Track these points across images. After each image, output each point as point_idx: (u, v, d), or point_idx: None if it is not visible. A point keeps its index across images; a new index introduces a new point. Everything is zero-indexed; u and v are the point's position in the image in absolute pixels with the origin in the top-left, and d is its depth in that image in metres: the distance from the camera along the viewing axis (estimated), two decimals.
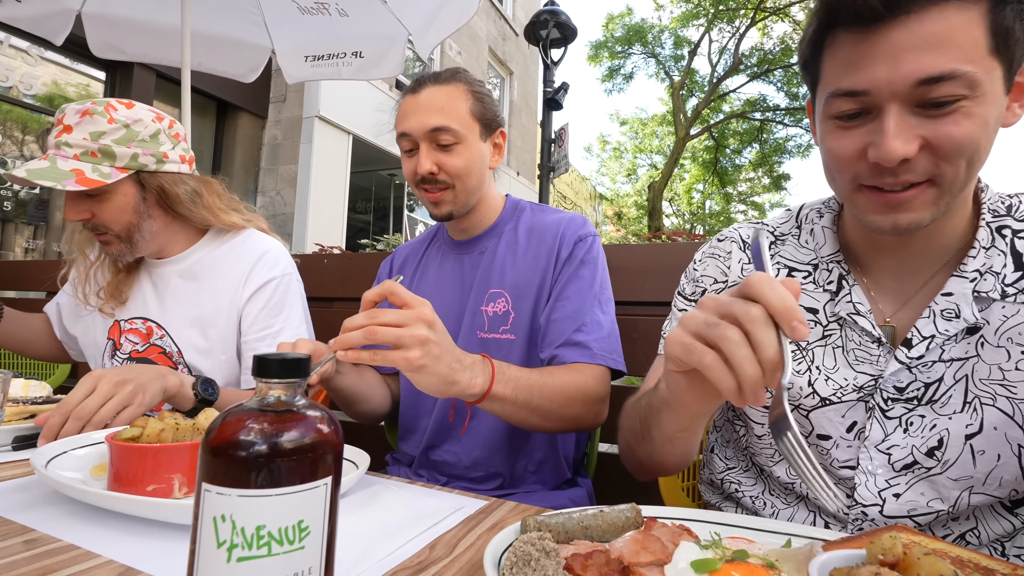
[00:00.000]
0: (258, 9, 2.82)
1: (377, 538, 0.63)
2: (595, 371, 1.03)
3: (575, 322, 1.06)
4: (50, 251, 6.18)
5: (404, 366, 0.74)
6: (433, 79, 1.11)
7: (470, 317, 1.15)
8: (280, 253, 1.29)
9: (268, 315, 1.23)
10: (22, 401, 1.05)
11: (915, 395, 0.71)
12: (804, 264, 0.82)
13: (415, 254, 1.31)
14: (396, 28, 2.72)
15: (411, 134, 1.09)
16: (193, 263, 1.26)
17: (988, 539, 0.72)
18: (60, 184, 1.03)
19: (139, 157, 1.12)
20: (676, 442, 0.73)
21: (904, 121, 0.62)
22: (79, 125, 1.08)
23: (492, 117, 1.15)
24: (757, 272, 0.53)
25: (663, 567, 0.47)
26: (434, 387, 0.79)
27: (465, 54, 11.79)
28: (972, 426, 0.68)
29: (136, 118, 1.12)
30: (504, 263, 1.15)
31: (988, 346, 0.68)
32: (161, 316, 1.23)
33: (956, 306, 0.69)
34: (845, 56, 0.64)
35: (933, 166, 0.63)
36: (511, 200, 1.25)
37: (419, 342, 0.74)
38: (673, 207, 24.75)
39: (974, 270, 0.69)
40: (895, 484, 0.72)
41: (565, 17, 6.76)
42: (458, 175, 1.10)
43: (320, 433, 0.40)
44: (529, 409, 0.93)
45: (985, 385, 0.68)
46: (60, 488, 0.66)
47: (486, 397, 0.87)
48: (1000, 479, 0.68)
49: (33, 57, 5.93)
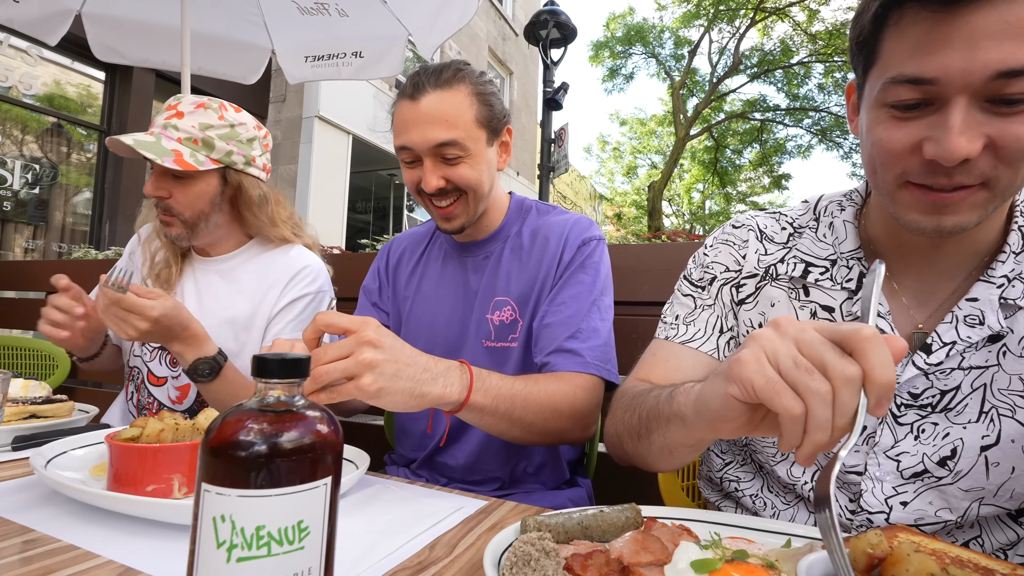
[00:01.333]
0: (258, 9, 2.82)
1: (377, 538, 0.63)
2: (586, 381, 0.98)
3: (569, 328, 1.01)
4: (50, 251, 6.18)
5: (360, 395, 0.69)
6: (434, 80, 1.00)
7: (475, 326, 1.10)
8: (319, 270, 1.32)
9: (294, 328, 1.26)
10: (22, 401, 1.05)
11: (929, 402, 0.68)
12: (821, 259, 0.78)
13: (414, 249, 1.26)
14: (396, 28, 2.72)
15: (413, 148, 1.01)
16: (236, 265, 1.31)
17: (992, 548, 0.71)
18: (160, 159, 1.12)
19: (232, 155, 1.22)
20: (676, 454, 0.69)
21: (971, 117, 0.56)
22: (191, 114, 1.18)
23: (499, 118, 1.08)
24: (869, 327, 0.46)
25: (663, 567, 0.47)
26: (402, 404, 0.73)
27: (465, 54, 11.79)
28: (988, 437, 0.66)
29: (241, 121, 1.24)
30: (510, 270, 1.11)
31: (1011, 355, 0.66)
32: (197, 313, 1.25)
33: (981, 312, 0.66)
34: (914, 38, 0.57)
35: (991, 168, 0.57)
36: (516, 199, 1.20)
37: (367, 367, 0.68)
38: (673, 207, 24.75)
39: (1002, 275, 0.66)
40: (903, 492, 0.70)
41: (565, 17, 6.76)
42: (469, 186, 1.04)
43: (320, 433, 0.40)
44: (511, 421, 0.88)
45: (1004, 396, 0.66)
46: (60, 488, 0.66)
47: (464, 406, 0.81)
48: (1012, 491, 0.67)
49: (33, 57, 5.93)
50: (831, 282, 0.76)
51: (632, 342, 1.36)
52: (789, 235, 0.82)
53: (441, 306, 1.16)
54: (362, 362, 0.68)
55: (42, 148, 6.17)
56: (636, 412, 0.75)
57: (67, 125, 6.36)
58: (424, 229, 1.29)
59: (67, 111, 6.32)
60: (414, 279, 1.22)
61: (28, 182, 5.99)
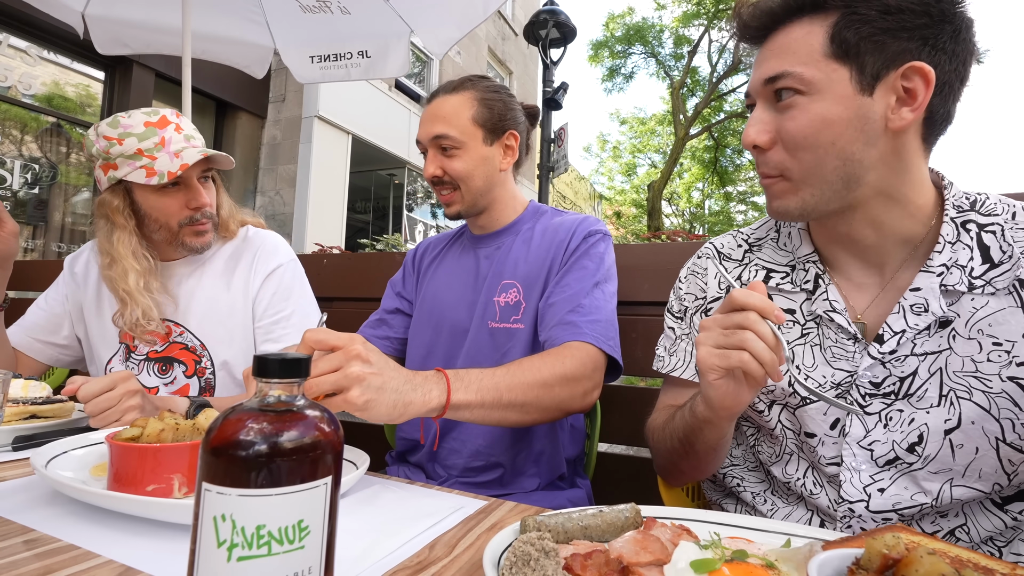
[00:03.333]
0: (259, 8, 2.81)
1: (377, 538, 0.63)
2: (580, 350, 1.00)
3: (571, 303, 1.07)
4: (49, 251, 6.18)
5: (349, 408, 0.72)
6: (445, 88, 1.19)
7: (482, 308, 1.17)
8: (280, 242, 1.40)
9: (279, 299, 1.32)
10: (22, 401, 1.05)
11: (891, 390, 0.73)
12: (782, 266, 0.85)
13: (438, 246, 1.37)
14: (398, 25, 2.72)
15: (420, 141, 1.20)
16: (203, 262, 1.34)
17: (979, 537, 0.73)
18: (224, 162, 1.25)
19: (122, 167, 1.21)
20: (718, 448, 0.80)
21: (763, 114, 0.75)
22: None
23: (499, 121, 1.18)
24: (735, 289, 0.67)
25: (662, 567, 0.47)
26: (387, 416, 0.76)
27: (465, 54, 11.79)
28: (950, 421, 0.70)
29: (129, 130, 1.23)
30: (518, 256, 1.19)
31: (960, 338, 0.70)
32: (177, 314, 1.30)
33: (925, 300, 0.71)
34: None
35: (782, 162, 0.74)
36: (533, 204, 1.30)
37: (355, 380, 0.71)
38: (672, 207, 24.74)
39: (940, 264, 0.71)
40: (879, 479, 0.73)
41: (564, 17, 6.75)
42: (460, 177, 1.17)
43: (320, 433, 0.40)
44: (502, 407, 0.90)
45: (959, 377, 0.70)
46: (60, 488, 0.66)
47: (448, 407, 0.84)
48: (979, 471, 0.70)
49: (32, 57, 5.92)
50: (791, 285, 0.83)
51: (632, 342, 1.36)
52: (745, 251, 0.91)
53: (452, 290, 1.25)
54: (350, 375, 0.71)
55: (41, 148, 6.16)
56: (674, 438, 0.83)
57: (66, 125, 6.35)
58: (453, 231, 1.39)
59: (66, 111, 6.31)
60: (432, 268, 1.33)
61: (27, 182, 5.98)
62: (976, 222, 0.73)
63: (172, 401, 1.07)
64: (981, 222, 0.73)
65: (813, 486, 0.79)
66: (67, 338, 1.38)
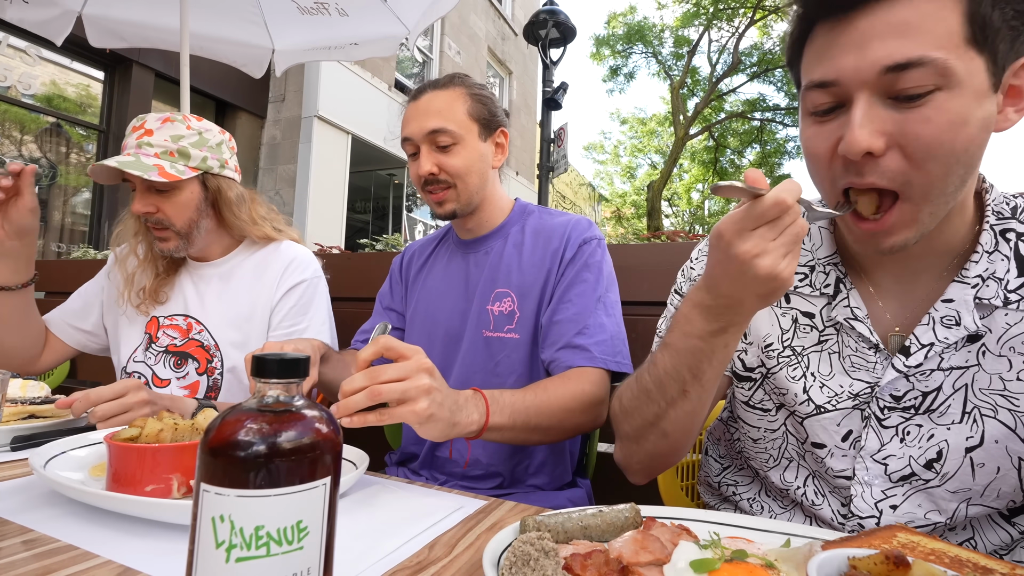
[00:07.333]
0: (258, 9, 2.81)
1: (376, 538, 0.63)
2: (594, 375, 1.02)
3: (577, 325, 1.05)
4: (49, 251, 6.17)
5: (413, 419, 0.72)
6: (432, 85, 1.15)
7: (475, 316, 1.15)
8: (309, 259, 1.41)
9: (296, 314, 1.33)
10: (20, 401, 1.05)
11: (912, 404, 0.69)
12: (801, 266, 0.78)
13: (423, 252, 1.33)
14: (397, 27, 2.72)
15: (412, 138, 1.13)
16: (232, 267, 1.38)
17: (985, 550, 0.71)
18: (146, 174, 1.16)
19: (207, 160, 1.27)
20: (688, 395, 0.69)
21: (874, 112, 0.59)
22: (160, 129, 1.23)
23: (491, 117, 1.16)
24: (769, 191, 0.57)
25: (662, 567, 0.47)
26: (439, 433, 0.77)
27: (464, 54, 11.79)
28: (972, 439, 0.66)
29: (207, 128, 1.30)
30: (510, 263, 1.15)
31: (990, 355, 0.66)
32: (201, 313, 1.34)
33: (957, 313, 0.66)
34: (819, 47, 0.62)
35: (901, 173, 0.59)
36: (520, 203, 1.26)
37: (424, 392, 0.72)
38: (672, 207, 24.73)
39: (976, 276, 0.66)
40: (892, 495, 0.70)
41: (564, 17, 6.75)
42: (458, 174, 1.12)
43: (319, 433, 0.40)
44: (529, 430, 0.92)
45: (985, 395, 0.66)
46: (59, 488, 0.65)
47: (485, 429, 0.85)
48: (999, 491, 0.67)
49: (32, 57, 5.92)
50: (810, 288, 0.77)
51: (632, 342, 1.35)
52: None
53: (443, 299, 1.22)
54: (420, 387, 0.72)
55: (41, 148, 6.17)
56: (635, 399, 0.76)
57: (66, 125, 6.35)
58: (435, 234, 1.36)
59: (66, 111, 6.32)
60: (421, 276, 1.30)
61: None
62: (1016, 231, 0.67)
63: (181, 403, 1.07)
64: (1021, 230, 0.67)
65: (815, 496, 0.77)
66: (94, 325, 1.43)
